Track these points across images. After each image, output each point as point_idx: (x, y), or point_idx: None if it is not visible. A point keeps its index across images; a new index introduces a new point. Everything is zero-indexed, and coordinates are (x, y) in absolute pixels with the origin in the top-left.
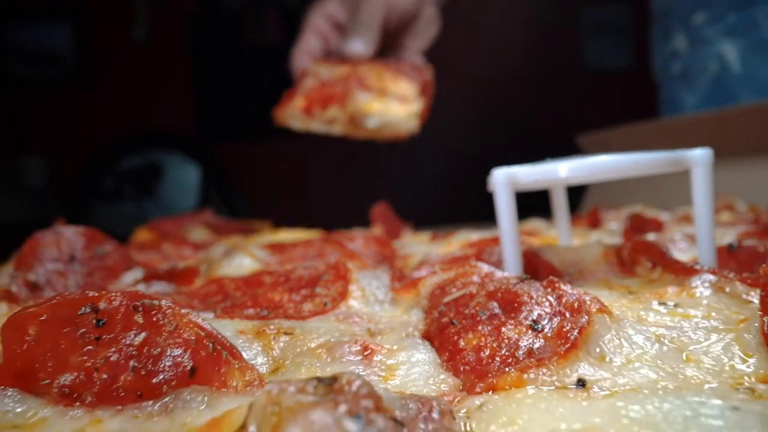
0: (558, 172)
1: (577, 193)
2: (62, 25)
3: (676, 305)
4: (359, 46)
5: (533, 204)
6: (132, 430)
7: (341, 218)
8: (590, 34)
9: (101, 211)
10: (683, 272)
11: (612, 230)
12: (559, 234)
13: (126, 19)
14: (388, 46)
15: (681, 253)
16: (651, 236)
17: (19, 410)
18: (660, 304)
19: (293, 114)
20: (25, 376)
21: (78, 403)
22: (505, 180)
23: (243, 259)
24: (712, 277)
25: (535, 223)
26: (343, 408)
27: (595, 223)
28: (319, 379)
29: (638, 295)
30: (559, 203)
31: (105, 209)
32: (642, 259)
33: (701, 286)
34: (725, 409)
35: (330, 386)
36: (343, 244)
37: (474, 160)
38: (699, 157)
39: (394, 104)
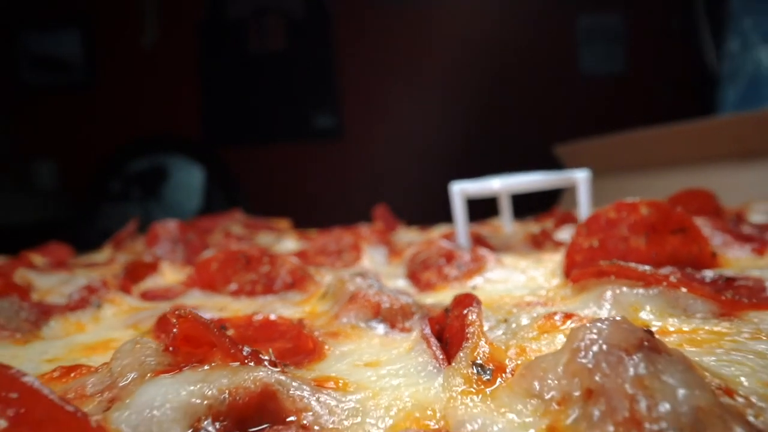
0: (492, 186)
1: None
2: (72, 33)
3: (540, 260)
4: None
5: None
6: (269, 304)
7: (338, 220)
8: (584, 40)
9: (109, 212)
10: (559, 245)
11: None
12: (504, 224)
13: (135, 26)
14: None
15: None
16: (569, 227)
17: (215, 299)
18: (536, 259)
19: None
20: (210, 286)
21: (251, 296)
22: (459, 191)
23: (289, 242)
24: None
25: (498, 222)
26: (366, 276)
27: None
28: (356, 273)
29: (528, 257)
30: (504, 205)
31: (112, 211)
32: (546, 239)
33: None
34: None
35: (361, 273)
36: (356, 230)
37: (464, 166)
38: (582, 177)
39: None
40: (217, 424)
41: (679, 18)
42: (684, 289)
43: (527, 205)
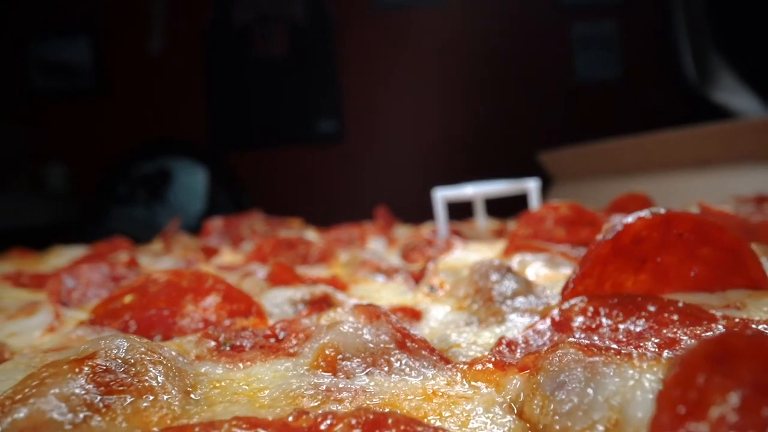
0: (466, 192)
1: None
2: (82, 40)
3: (494, 245)
4: None
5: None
6: (307, 271)
7: (338, 220)
8: (579, 47)
9: (116, 214)
10: None
11: None
12: (477, 222)
13: (142, 34)
14: None
15: None
16: None
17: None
18: (492, 245)
19: None
20: (264, 261)
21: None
22: (441, 196)
23: (310, 233)
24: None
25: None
26: (372, 252)
27: None
28: (364, 251)
29: (490, 244)
30: (478, 206)
31: (119, 213)
32: (504, 232)
33: None
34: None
35: (369, 252)
36: (362, 226)
37: (460, 170)
38: (532, 186)
39: None
40: (304, 306)
41: (666, 30)
42: (559, 256)
43: (518, 206)
